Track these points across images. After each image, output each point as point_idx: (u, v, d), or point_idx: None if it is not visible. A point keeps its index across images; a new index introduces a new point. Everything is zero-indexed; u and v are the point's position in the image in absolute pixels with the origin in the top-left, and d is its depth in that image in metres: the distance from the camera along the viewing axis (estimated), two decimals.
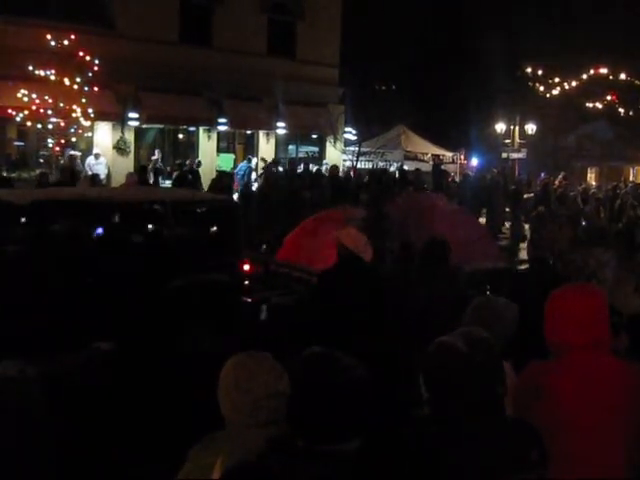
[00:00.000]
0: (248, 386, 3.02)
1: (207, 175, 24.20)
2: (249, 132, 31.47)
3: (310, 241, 11.93)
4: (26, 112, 22.43)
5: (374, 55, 32.24)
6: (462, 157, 36.77)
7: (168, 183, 23.52)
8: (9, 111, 22.58)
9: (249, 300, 9.68)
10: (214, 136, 29.69)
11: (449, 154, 34.80)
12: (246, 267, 10.57)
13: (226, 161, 29.75)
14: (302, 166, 27.86)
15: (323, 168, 28.72)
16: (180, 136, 30.46)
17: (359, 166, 31.05)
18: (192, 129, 29.69)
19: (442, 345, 3.21)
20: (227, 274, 9.34)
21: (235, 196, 20.18)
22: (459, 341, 3.17)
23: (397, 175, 27.43)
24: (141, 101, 26.47)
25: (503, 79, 40.16)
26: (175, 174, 23.16)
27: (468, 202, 23.86)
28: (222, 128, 29.08)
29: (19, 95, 22.06)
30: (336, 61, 32.57)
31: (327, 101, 31.48)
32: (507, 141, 39.68)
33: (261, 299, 9.69)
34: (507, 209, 26.32)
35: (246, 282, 10.34)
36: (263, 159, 26.89)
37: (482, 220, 24.76)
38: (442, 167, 31.10)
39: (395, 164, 32.29)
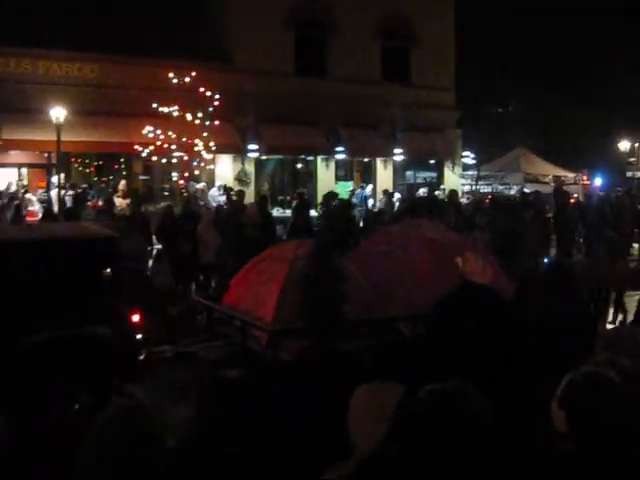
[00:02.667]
0: (381, 414, 2.96)
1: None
2: (366, 160, 31.56)
3: (251, 282, 11.09)
4: (151, 147, 23.13)
5: (490, 77, 31.86)
6: (584, 178, 35.83)
7: (288, 212, 23.80)
8: (135, 147, 23.37)
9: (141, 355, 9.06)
10: (332, 165, 29.92)
11: (571, 175, 34.01)
12: (135, 318, 9.22)
13: (344, 189, 29.93)
14: (422, 191, 27.70)
15: (441, 193, 28.49)
16: (299, 165, 30.83)
17: (479, 190, 30.70)
18: (310, 158, 30.03)
19: (593, 376, 2.97)
20: (105, 326, 7.89)
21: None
22: (610, 372, 2.96)
23: (518, 198, 26.96)
24: (260, 133, 26.98)
25: (625, 97, 39.02)
26: (295, 203, 23.38)
27: (593, 223, 23.19)
28: (340, 156, 29.30)
29: (144, 131, 22.79)
30: (451, 84, 32.35)
31: (444, 125, 31.28)
32: (632, 159, 38.52)
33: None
34: (635, 229, 25.45)
35: (139, 335, 9.20)
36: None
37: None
38: (563, 188, 30.40)
39: (515, 187, 31.79)
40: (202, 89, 23.22)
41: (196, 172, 25.19)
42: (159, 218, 17.86)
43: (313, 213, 21.86)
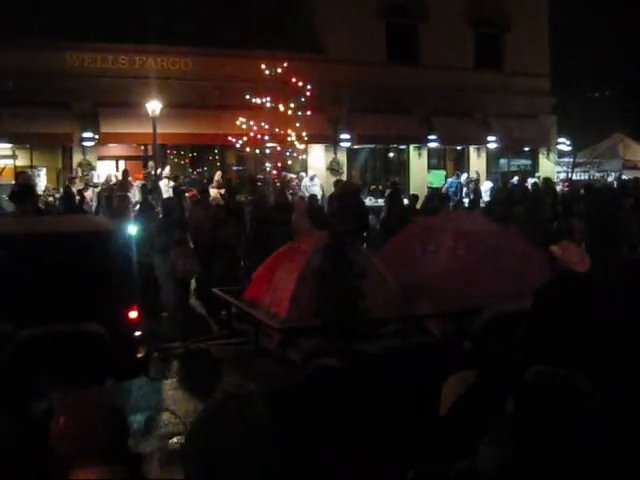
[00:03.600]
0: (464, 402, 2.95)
1: (419, 192, 24.22)
2: (459, 148, 31.26)
3: (271, 277, 10.42)
4: (245, 138, 23.39)
5: (587, 61, 31.09)
6: None
7: (381, 201, 23.75)
8: (229, 138, 23.65)
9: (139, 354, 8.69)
10: (424, 153, 29.72)
11: None
12: (133, 314, 8.76)
13: (437, 178, 29.70)
14: (516, 179, 27.25)
15: (536, 180, 27.96)
16: (391, 155, 30.73)
17: (574, 177, 30.06)
18: (402, 147, 29.89)
19: None
20: (99, 323, 8.11)
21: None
22: None
23: (615, 185, 26.29)
24: (352, 122, 26.99)
25: None
26: (387, 191, 23.27)
27: None
28: (432, 145, 29.07)
29: (237, 123, 23.04)
30: (546, 70, 31.73)
31: (539, 112, 30.71)
32: None
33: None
34: None
35: (137, 333, 8.82)
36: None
37: None
38: None
39: (613, 174, 31.00)
40: (294, 79, 23.32)
41: (289, 162, 25.37)
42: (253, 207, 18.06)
43: (406, 202, 21.74)
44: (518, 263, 10.51)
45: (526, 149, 32.30)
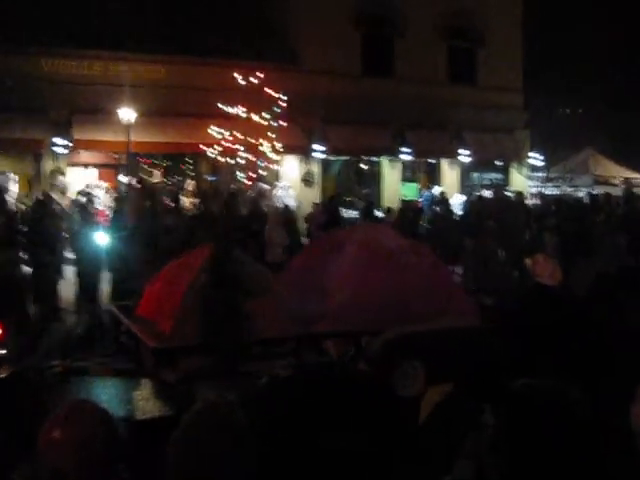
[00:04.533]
0: None
1: (392, 204, 24.26)
2: (432, 161, 31.38)
3: (160, 291, 9.84)
4: (218, 148, 23.34)
5: (559, 77, 31.42)
6: None
7: (354, 213, 23.77)
8: (202, 147, 23.59)
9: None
10: (398, 166, 29.82)
11: None
12: None
13: (410, 190, 29.78)
14: (487, 193, 27.37)
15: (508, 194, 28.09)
16: (364, 167, 30.79)
17: (546, 192, 30.28)
18: (375, 159, 29.96)
19: None
20: None
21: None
22: None
23: (586, 200, 26.49)
24: (326, 133, 27.01)
25: None
26: (362, 205, 23.33)
27: None
28: (405, 157, 29.16)
29: (211, 132, 23.00)
30: (519, 85, 31.98)
31: (512, 126, 30.93)
32: None
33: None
34: None
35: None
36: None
37: None
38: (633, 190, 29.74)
39: (584, 189, 31.25)
40: (268, 90, 23.33)
41: (262, 173, 25.33)
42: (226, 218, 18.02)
43: (380, 215, 21.79)
44: (425, 281, 10.08)
45: (498, 163, 32.49)
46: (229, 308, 8.60)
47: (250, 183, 24.36)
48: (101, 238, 14.46)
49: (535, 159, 31.83)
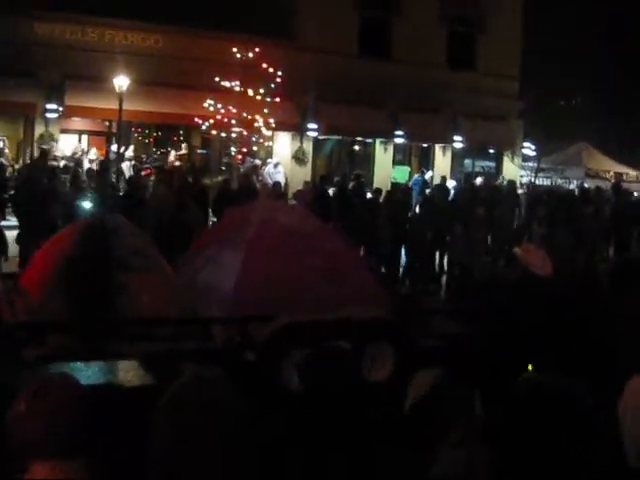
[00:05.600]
0: None
1: (383, 187, 24.20)
2: (425, 145, 31.32)
3: (40, 262, 9.00)
4: (211, 121, 23.17)
5: (556, 68, 31.33)
6: None
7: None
8: (195, 119, 23.43)
9: None
10: (390, 148, 29.72)
11: (633, 172, 33.33)
12: None
13: (401, 173, 29.72)
14: (478, 180, 27.33)
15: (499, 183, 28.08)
16: (357, 147, 30.69)
17: (537, 182, 30.29)
18: (369, 141, 29.87)
19: None
20: None
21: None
22: None
23: (577, 193, 26.52)
24: (320, 112, 26.88)
25: None
26: (351, 184, 23.26)
27: None
28: (399, 140, 29.08)
29: (205, 105, 22.82)
30: (516, 73, 31.87)
31: (506, 115, 30.83)
32: None
33: None
34: None
35: None
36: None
37: None
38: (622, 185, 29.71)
39: (575, 181, 31.28)
40: (265, 65, 23.17)
41: (254, 148, 25.21)
42: (216, 192, 17.94)
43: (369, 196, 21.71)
44: (328, 267, 9.37)
45: (491, 151, 32.47)
46: (98, 282, 7.96)
47: (241, 158, 24.22)
48: (87, 206, 14.38)
49: (528, 149, 31.82)
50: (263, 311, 8.54)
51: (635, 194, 30.72)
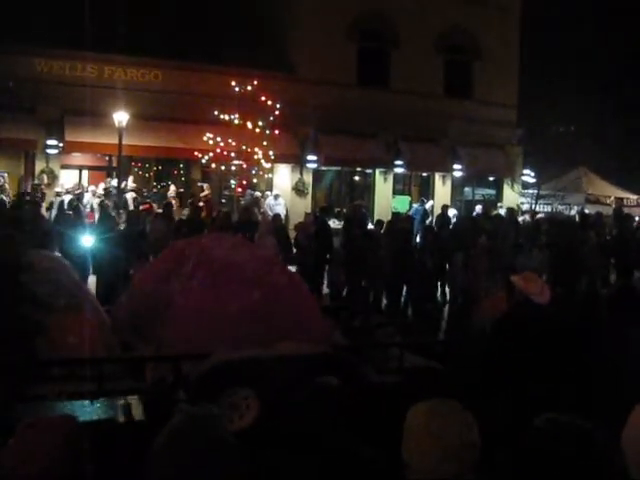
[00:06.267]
0: (440, 433, 2.83)
1: (384, 217, 24.20)
2: (425, 174, 31.38)
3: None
4: (211, 154, 23.27)
5: (553, 95, 31.43)
6: None
7: (339, 223, 23.74)
8: (195, 153, 23.52)
9: None
10: (390, 178, 29.78)
11: (634, 197, 33.36)
12: None
13: (402, 203, 29.73)
14: (478, 208, 27.33)
15: (501, 211, 28.04)
16: (356, 178, 30.74)
17: (537, 209, 30.30)
18: (369, 171, 29.93)
19: None
20: None
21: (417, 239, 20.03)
22: None
23: (577, 219, 26.50)
24: (320, 143, 26.98)
25: None
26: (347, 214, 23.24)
27: None
28: (398, 170, 29.16)
29: (204, 138, 22.93)
30: (514, 101, 31.98)
31: (505, 142, 30.96)
32: None
33: None
34: None
35: None
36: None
37: None
38: (623, 210, 29.72)
39: (575, 207, 31.28)
40: (263, 98, 23.28)
41: (254, 180, 25.29)
42: (217, 224, 17.94)
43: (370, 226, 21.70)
44: (269, 301, 8.94)
45: (491, 178, 32.52)
46: (12, 322, 7.53)
47: (241, 190, 24.28)
48: (87, 240, 14.39)
49: (527, 176, 31.86)
50: (198, 349, 8.22)
51: (637, 218, 30.73)
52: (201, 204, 22.14)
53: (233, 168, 24.24)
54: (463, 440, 2.82)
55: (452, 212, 26.78)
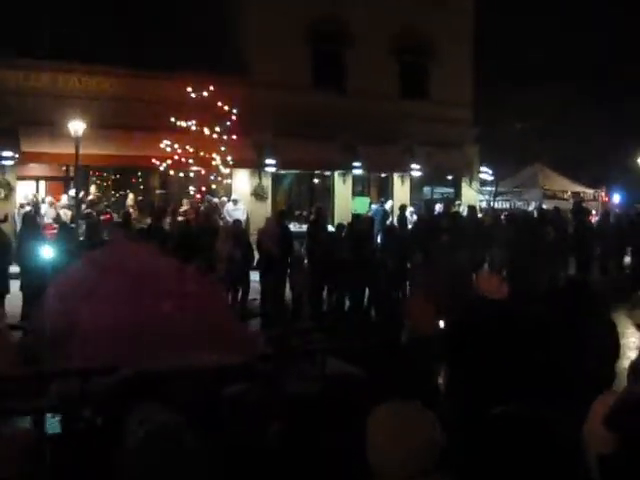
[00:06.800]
0: (404, 433, 2.86)
1: (344, 218, 24.25)
2: (384, 175, 31.51)
3: None
4: (169, 161, 23.18)
5: (508, 92, 31.70)
6: (603, 194, 35.61)
7: (305, 227, 23.73)
8: (153, 160, 23.40)
9: None
10: (349, 180, 29.87)
11: (590, 191, 33.85)
12: None
13: (361, 204, 29.82)
14: (438, 207, 27.50)
15: (460, 209, 28.24)
16: (315, 181, 30.79)
17: (496, 206, 30.59)
18: (327, 173, 30.00)
19: None
20: None
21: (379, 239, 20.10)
22: None
23: (535, 214, 26.78)
24: (277, 147, 26.97)
25: None
26: (312, 217, 23.28)
27: (611, 242, 23.09)
28: (357, 172, 29.27)
29: (162, 145, 22.83)
30: (469, 100, 32.28)
31: (462, 141, 31.19)
32: None
33: None
34: None
35: None
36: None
37: (628, 259, 23.82)
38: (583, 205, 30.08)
39: (533, 203, 31.65)
40: (220, 103, 23.24)
41: (213, 186, 25.23)
42: (177, 232, 17.89)
43: (330, 229, 21.74)
44: (183, 312, 8.57)
45: (449, 177, 32.73)
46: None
47: (200, 197, 24.20)
48: (47, 252, 14.26)
49: (485, 173, 32.15)
50: (106, 363, 7.76)
51: (594, 212, 31.15)
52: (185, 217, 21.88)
53: (192, 175, 24.16)
54: (427, 438, 2.86)
55: (409, 211, 26.88)
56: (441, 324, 7.72)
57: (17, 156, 23.50)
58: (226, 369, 7.91)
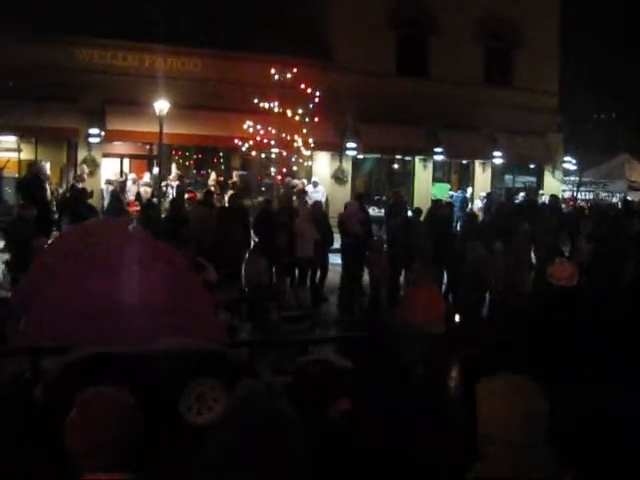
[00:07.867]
0: (522, 402, 2.92)
1: (423, 204, 24.12)
2: (465, 162, 31.19)
3: None
4: (251, 142, 23.30)
5: (596, 82, 31.05)
6: None
7: (378, 211, 23.77)
8: (235, 141, 23.58)
9: None
10: (430, 166, 29.66)
11: None
12: None
13: (441, 190, 29.59)
14: (520, 195, 27.12)
15: (543, 198, 27.79)
16: (396, 166, 30.64)
17: (579, 197, 30.02)
18: (408, 159, 29.82)
19: None
20: None
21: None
22: None
23: (620, 206, 26.23)
24: (359, 131, 26.92)
25: None
26: (390, 202, 23.16)
27: None
28: (438, 158, 29.03)
29: (245, 126, 22.97)
30: (554, 88, 31.64)
31: (545, 129, 30.63)
32: None
33: None
34: None
35: None
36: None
37: None
38: None
39: (618, 194, 30.95)
40: (303, 86, 23.26)
41: (294, 168, 25.30)
42: (257, 211, 18.02)
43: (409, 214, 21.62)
44: (154, 296, 8.41)
45: (532, 166, 32.22)
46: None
47: (281, 178, 24.31)
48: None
49: (569, 163, 31.54)
50: (62, 343, 7.70)
51: None
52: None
53: (273, 156, 24.28)
54: (541, 408, 2.93)
55: (477, 204, 26.55)
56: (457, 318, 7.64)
57: (103, 134, 23.96)
58: (189, 355, 7.83)
